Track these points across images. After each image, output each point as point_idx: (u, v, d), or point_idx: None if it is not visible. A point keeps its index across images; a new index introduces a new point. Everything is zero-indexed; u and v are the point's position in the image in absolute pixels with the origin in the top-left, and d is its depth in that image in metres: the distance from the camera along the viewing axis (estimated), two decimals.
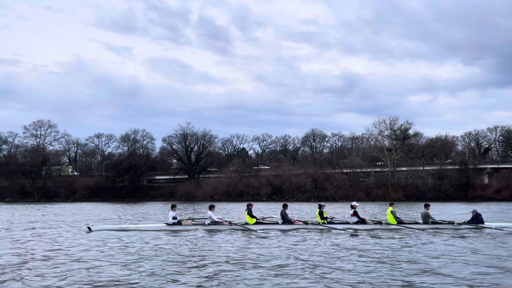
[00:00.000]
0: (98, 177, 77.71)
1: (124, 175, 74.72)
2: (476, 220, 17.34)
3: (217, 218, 17.22)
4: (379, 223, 17.44)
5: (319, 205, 17.96)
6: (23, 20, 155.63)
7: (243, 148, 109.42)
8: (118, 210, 37.37)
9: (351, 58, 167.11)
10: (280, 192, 66.42)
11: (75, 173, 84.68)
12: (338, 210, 32.44)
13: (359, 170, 70.90)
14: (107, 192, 73.49)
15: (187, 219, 17.52)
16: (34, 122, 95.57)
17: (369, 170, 72.51)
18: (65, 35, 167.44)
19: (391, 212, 17.40)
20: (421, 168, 72.16)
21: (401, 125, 73.37)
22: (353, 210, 17.56)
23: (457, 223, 17.18)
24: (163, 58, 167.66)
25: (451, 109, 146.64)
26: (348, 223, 17.37)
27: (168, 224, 16.73)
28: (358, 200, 59.66)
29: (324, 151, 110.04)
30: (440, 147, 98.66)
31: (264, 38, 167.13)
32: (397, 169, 69.79)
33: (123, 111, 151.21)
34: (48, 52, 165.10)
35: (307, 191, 64.95)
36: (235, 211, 32.23)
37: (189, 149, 79.30)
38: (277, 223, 17.25)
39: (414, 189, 66.44)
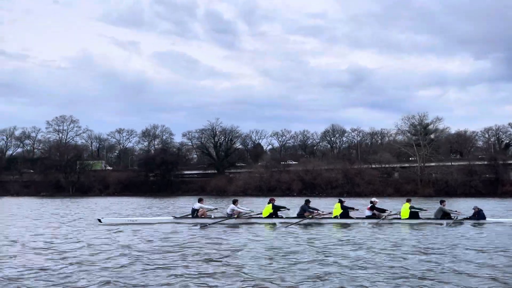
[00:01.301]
0: (130, 171, 79.10)
1: (156, 170, 76.04)
2: (478, 216, 17.78)
3: (245, 209, 17.95)
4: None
5: (339, 200, 18.41)
6: (30, 14, 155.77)
7: (259, 144, 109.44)
8: (152, 205, 38.22)
9: (359, 52, 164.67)
10: (311, 187, 67.21)
11: (108, 167, 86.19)
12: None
13: (388, 165, 71.47)
14: (139, 187, 74.95)
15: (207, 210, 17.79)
16: (56, 118, 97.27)
17: (398, 165, 72.98)
18: (72, 30, 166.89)
19: (409, 207, 17.60)
20: (450, 163, 72.60)
21: (431, 120, 73.72)
22: (371, 205, 17.92)
23: (458, 218, 17.66)
24: (170, 53, 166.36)
25: (461, 104, 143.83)
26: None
27: (175, 217, 17.41)
28: (388, 196, 61.05)
29: (343, 146, 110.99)
30: (461, 143, 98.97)
31: (271, 33, 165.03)
32: (426, 164, 70.44)
33: (130, 106, 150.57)
34: (56, 47, 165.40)
35: (339, 186, 65.58)
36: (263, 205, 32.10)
37: (218, 145, 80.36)
38: (279, 217, 17.49)
39: (443, 184, 66.96)
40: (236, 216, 17.20)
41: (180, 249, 10.51)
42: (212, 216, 17.49)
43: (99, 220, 17.05)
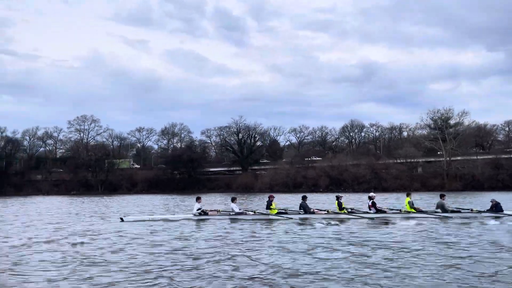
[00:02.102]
0: (156, 169, 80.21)
1: (182, 168, 77.11)
2: (496, 208, 17.62)
3: (239, 210, 18.01)
4: (399, 211, 17.89)
5: (336, 196, 18.68)
6: (41, 14, 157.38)
7: (275, 140, 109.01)
8: (179, 202, 38.84)
9: (369, 46, 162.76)
10: (338, 183, 67.52)
11: (136, 166, 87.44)
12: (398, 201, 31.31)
13: (414, 160, 71.41)
14: (166, 185, 76.09)
15: (213, 210, 18.27)
16: (78, 117, 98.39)
17: (424, 160, 72.90)
18: (82, 29, 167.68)
19: (408, 202, 17.76)
20: (475, 157, 72.30)
21: (458, 114, 73.37)
22: (371, 201, 17.97)
23: (476, 210, 17.76)
24: (180, 51, 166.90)
25: (474, 97, 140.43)
26: (368, 212, 17.79)
27: (194, 215, 17.58)
28: (414, 191, 61.12)
29: (362, 142, 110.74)
30: (482, 136, 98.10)
31: (280, 28, 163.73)
32: (452, 158, 70.24)
33: (141, 104, 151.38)
34: (66, 46, 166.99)
35: (366, 181, 65.79)
36: (293, 202, 30.86)
37: (243, 142, 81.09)
38: (299, 213, 17.78)
39: (470, 178, 66.75)
40: (252, 212, 17.92)
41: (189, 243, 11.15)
42: (231, 214, 17.82)
43: (121, 219, 17.46)
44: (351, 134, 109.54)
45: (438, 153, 74.18)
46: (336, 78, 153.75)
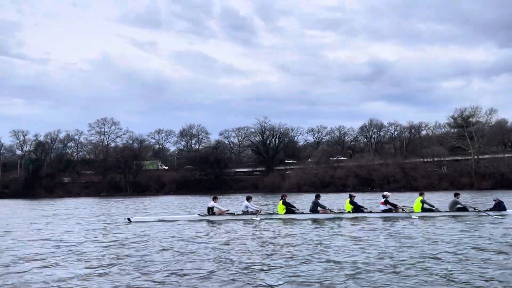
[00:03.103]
0: (184, 171, 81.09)
1: (209, 169, 77.92)
2: (499, 207, 17.67)
3: (256, 207, 18.43)
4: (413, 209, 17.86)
5: (349, 195, 18.63)
6: (51, 18, 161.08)
7: (293, 140, 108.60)
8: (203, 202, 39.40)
9: (378, 44, 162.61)
10: (367, 183, 67.66)
11: (164, 167, 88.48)
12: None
13: (442, 159, 71.22)
14: (193, 186, 76.90)
15: (225, 210, 18.36)
16: (98, 120, 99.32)
17: (452, 158, 72.58)
18: (91, 32, 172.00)
19: (421, 201, 17.76)
20: (504, 155, 71.75)
21: (485, 111, 73.12)
22: (385, 199, 18.07)
23: (479, 210, 17.78)
24: (188, 52, 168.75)
25: (486, 94, 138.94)
26: (373, 211, 17.99)
27: (201, 215, 17.88)
28: (443, 190, 61.00)
29: (382, 141, 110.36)
30: (504, 134, 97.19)
31: (288, 27, 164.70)
32: (480, 156, 69.91)
33: (150, 105, 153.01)
34: (76, 49, 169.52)
35: (395, 181, 65.81)
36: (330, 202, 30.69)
37: (268, 142, 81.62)
38: (302, 213, 17.86)
39: (499, 177, 66.35)
40: (254, 212, 17.89)
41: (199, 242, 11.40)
42: (235, 213, 18.17)
43: (129, 220, 17.69)
44: (369, 133, 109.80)
45: (469, 151, 73.80)
46: (345, 76, 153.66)
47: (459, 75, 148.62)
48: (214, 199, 18.47)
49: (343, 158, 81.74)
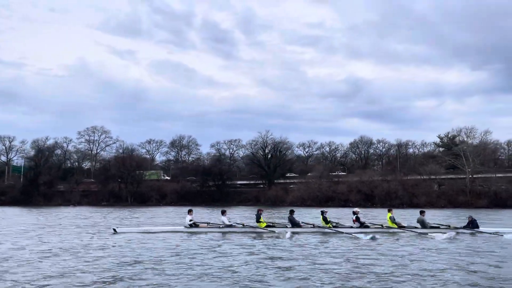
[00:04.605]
0: (185, 182, 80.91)
1: (211, 181, 78.12)
2: (472, 225, 18.37)
3: (229, 222, 18.68)
4: (381, 226, 18.73)
5: (321, 211, 19.20)
6: (28, 22, 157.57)
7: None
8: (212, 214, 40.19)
9: (356, 62, 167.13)
10: (369, 199, 69.23)
11: (167, 177, 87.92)
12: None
13: (439, 177, 73.69)
14: (195, 197, 76.85)
15: (203, 223, 18.92)
16: (87, 128, 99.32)
17: (447, 176, 75.12)
18: (69, 38, 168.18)
19: (390, 217, 18.53)
20: (495, 175, 74.64)
21: (481, 133, 76.27)
22: (355, 216, 18.78)
23: (453, 227, 18.61)
24: (168, 62, 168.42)
25: (458, 115, 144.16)
26: (351, 227, 18.58)
27: (186, 227, 18.21)
28: (442, 207, 63.19)
29: (372, 157, 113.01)
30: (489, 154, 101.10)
31: (269, 42, 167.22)
32: (475, 176, 72.61)
33: (127, 114, 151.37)
34: (53, 55, 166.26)
35: (398, 197, 67.54)
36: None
37: (270, 156, 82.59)
38: (286, 227, 18.41)
39: (493, 196, 68.92)
40: (242, 225, 18.66)
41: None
42: (221, 226, 18.58)
43: (114, 230, 17.93)
44: (358, 149, 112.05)
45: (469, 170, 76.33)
46: (324, 93, 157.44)
47: (433, 96, 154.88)
48: (190, 211, 18.88)
49: (342, 173, 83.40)
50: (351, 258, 11.97)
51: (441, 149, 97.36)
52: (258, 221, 18.58)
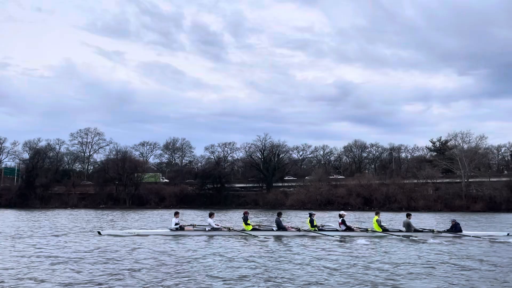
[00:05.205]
0: (183, 185, 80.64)
1: (211, 184, 78.06)
2: (455, 228, 18.71)
3: (216, 225, 18.60)
4: (366, 230, 18.96)
5: (309, 213, 19.36)
6: (13, 21, 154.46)
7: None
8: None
9: (345, 66, 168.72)
10: (368, 202, 69.93)
11: (166, 180, 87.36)
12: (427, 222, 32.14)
13: (436, 181, 74.75)
14: (194, 200, 76.70)
15: (188, 225, 18.86)
16: (80, 130, 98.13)
17: (443, 181, 76.22)
18: (55, 38, 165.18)
19: (376, 220, 18.74)
20: (489, 179, 76.02)
21: (476, 138, 77.58)
22: (341, 218, 18.99)
23: (437, 231, 18.87)
24: (156, 64, 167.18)
25: (444, 119, 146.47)
26: (337, 230, 18.80)
27: (171, 230, 18.17)
28: (439, 211, 64.17)
29: (365, 161, 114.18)
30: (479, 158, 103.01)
31: (258, 45, 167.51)
32: (470, 180, 73.92)
33: (114, 116, 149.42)
34: (38, 55, 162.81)
35: (397, 201, 68.35)
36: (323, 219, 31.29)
37: (268, 160, 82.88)
38: (272, 230, 18.62)
39: (487, 200, 70.04)
40: (227, 229, 18.45)
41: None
42: (207, 229, 18.48)
43: (99, 233, 17.95)
44: (352, 153, 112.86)
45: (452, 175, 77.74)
46: (312, 96, 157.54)
47: (420, 100, 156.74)
48: (176, 214, 18.89)
49: (341, 176, 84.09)
50: (321, 261, 12.00)
51: (433, 153, 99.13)
52: (246, 223, 18.71)
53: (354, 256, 13.01)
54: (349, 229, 18.85)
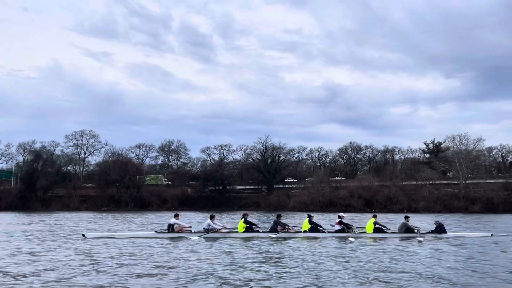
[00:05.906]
0: (185, 187, 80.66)
1: (212, 186, 78.26)
2: (439, 229, 19.11)
3: (213, 226, 18.29)
4: (351, 228, 19.08)
5: (308, 215, 19.50)
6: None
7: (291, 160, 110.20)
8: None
9: (334, 68, 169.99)
10: (370, 204, 70.92)
11: (168, 182, 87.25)
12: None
13: (435, 182, 76.17)
14: (195, 202, 76.81)
15: (187, 227, 18.70)
16: (75, 132, 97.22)
17: (441, 182, 77.67)
18: (42, 39, 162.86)
19: (374, 222, 19.03)
20: (486, 181, 77.48)
21: (474, 140, 79.21)
22: (340, 219, 19.29)
23: (421, 232, 18.99)
24: (144, 65, 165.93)
25: (431, 121, 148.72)
26: (330, 231, 19.02)
27: (157, 232, 18.15)
28: (437, 213, 65.43)
29: (360, 163, 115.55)
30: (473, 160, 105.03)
31: (247, 47, 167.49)
32: (468, 181, 75.43)
33: (102, 118, 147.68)
34: (25, 56, 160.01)
35: (398, 203, 69.46)
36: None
37: (269, 162, 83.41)
38: (259, 232, 18.74)
39: (485, 201, 71.27)
40: (215, 230, 18.18)
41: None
42: (192, 231, 18.33)
43: (83, 235, 17.70)
44: (347, 155, 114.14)
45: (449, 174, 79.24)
46: (301, 98, 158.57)
47: (407, 102, 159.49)
48: (176, 216, 18.82)
49: (342, 178, 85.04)
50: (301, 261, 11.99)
51: (426, 155, 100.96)
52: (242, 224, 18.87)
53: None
54: (346, 227, 19.13)
